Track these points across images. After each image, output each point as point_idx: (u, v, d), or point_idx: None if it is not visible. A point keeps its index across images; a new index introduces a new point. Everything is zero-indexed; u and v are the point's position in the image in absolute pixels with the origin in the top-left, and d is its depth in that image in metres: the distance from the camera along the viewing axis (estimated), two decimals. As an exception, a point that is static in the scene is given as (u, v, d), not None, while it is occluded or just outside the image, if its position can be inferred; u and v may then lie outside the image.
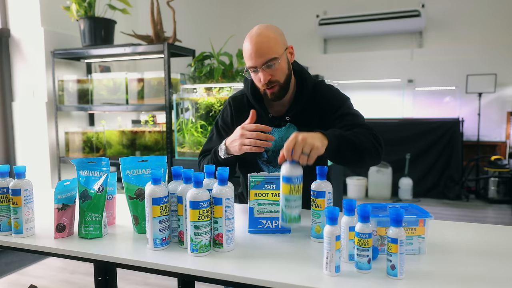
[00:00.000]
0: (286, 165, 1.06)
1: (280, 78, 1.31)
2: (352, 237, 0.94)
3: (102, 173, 1.18)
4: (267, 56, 1.26)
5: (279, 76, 1.30)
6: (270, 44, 1.27)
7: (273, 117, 1.42)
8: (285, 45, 1.33)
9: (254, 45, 1.27)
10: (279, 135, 1.41)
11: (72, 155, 3.25)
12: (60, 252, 1.10)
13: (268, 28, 1.30)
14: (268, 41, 1.27)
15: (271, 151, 1.43)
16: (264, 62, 1.27)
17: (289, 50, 1.35)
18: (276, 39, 1.29)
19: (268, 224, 1.18)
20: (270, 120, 1.41)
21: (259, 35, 1.27)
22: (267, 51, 1.26)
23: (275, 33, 1.30)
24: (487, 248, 1.08)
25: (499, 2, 5.42)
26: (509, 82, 5.39)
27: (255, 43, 1.27)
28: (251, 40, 1.28)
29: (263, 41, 1.27)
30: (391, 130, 5.27)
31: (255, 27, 1.31)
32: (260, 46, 1.26)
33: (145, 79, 3.02)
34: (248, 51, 1.28)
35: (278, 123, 1.41)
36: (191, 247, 1.02)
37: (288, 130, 1.41)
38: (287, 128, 1.41)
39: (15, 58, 3.29)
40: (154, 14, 2.97)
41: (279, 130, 1.41)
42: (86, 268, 2.84)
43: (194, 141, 2.88)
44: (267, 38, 1.27)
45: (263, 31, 1.28)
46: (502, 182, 4.83)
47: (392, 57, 5.90)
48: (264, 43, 1.26)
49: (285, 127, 1.41)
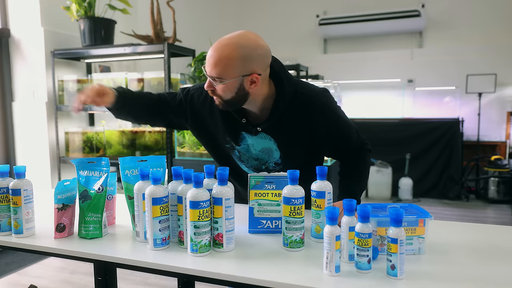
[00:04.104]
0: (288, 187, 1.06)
1: (222, 95, 1.24)
2: (352, 237, 0.94)
3: (102, 173, 1.18)
4: (215, 72, 1.19)
5: (221, 93, 1.23)
6: (223, 63, 1.18)
7: (246, 123, 1.35)
8: (245, 72, 1.19)
9: (211, 54, 1.19)
10: (251, 141, 1.37)
11: (72, 155, 3.25)
12: (60, 252, 1.10)
13: (238, 46, 1.17)
14: (225, 60, 1.17)
15: (242, 153, 1.41)
16: (209, 74, 1.21)
17: (251, 78, 1.20)
18: (234, 62, 1.17)
19: (268, 224, 1.18)
20: (242, 126, 1.35)
21: (222, 49, 1.18)
22: (217, 67, 1.18)
23: (239, 56, 1.17)
24: (487, 248, 1.08)
25: (499, 3, 5.42)
26: (509, 82, 5.39)
27: (213, 53, 1.19)
28: (214, 48, 1.20)
29: (220, 57, 1.18)
30: (391, 130, 5.27)
31: (234, 34, 1.21)
32: (216, 59, 1.18)
33: (145, 79, 3.02)
34: (208, 54, 1.22)
35: (250, 130, 1.35)
36: (191, 247, 1.02)
37: (260, 139, 1.36)
38: (259, 137, 1.36)
39: (15, 58, 3.29)
40: (154, 14, 2.97)
41: (251, 137, 1.36)
42: (86, 268, 2.84)
43: (194, 141, 2.88)
44: (225, 57, 1.17)
45: (228, 47, 1.18)
46: (502, 182, 4.83)
47: (392, 57, 5.90)
48: (220, 60, 1.18)
49: (257, 136, 1.36)
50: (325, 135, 1.34)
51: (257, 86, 1.23)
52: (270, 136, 1.35)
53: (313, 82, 1.95)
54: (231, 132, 1.37)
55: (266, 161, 1.40)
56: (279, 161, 1.39)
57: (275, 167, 1.41)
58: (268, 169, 1.41)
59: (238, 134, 1.37)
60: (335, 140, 1.37)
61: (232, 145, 1.40)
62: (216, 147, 1.45)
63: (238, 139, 1.38)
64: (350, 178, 1.38)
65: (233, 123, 1.36)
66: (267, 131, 1.34)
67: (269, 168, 1.41)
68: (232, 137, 1.38)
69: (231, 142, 1.39)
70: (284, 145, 1.36)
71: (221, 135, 1.40)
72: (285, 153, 1.37)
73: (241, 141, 1.38)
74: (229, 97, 1.24)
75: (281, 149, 1.37)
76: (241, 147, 1.39)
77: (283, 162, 1.39)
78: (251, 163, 1.42)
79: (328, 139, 1.36)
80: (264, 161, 1.40)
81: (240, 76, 1.20)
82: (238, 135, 1.37)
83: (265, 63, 1.24)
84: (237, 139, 1.38)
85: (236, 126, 1.36)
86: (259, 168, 1.42)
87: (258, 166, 1.42)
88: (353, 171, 1.40)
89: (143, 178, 1.10)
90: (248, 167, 1.44)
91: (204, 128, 1.44)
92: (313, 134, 1.34)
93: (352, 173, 1.40)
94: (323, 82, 3.90)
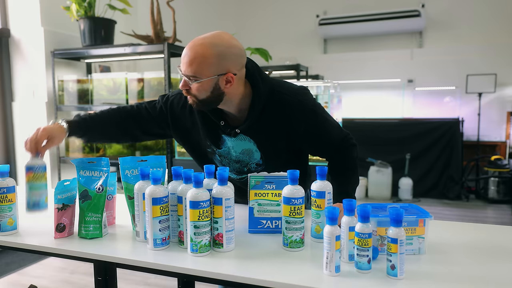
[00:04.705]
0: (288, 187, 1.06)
1: (197, 95, 1.23)
2: (352, 237, 0.94)
3: (102, 173, 1.18)
4: (190, 70, 1.19)
5: (196, 93, 1.23)
6: (198, 61, 1.17)
7: (224, 126, 1.34)
8: (220, 71, 1.20)
9: (186, 53, 1.19)
10: (231, 144, 1.37)
11: (72, 155, 3.25)
12: (60, 252, 1.10)
13: (212, 45, 1.18)
14: (199, 58, 1.17)
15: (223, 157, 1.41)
16: (184, 73, 1.21)
17: (226, 78, 1.21)
18: (209, 61, 1.17)
19: (268, 224, 1.18)
20: (221, 129, 1.35)
21: (197, 47, 1.18)
22: (192, 66, 1.18)
23: (214, 55, 1.18)
24: (487, 248, 1.08)
25: (499, 3, 5.42)
26: (509, 82, 5.39)
27: (188, 52, 1.19)
28: (189, 47, 1.20)
29: (195, 54, 1.17)
30: (391, 130, 5.27)
31: (208, 34, 1.21)
32: (191, 58, 1.18)
33: (145, 79, 3.02)
34: (183, 53, 1.22)
35: (229, 132, 1.34)
36: (191, 247, 1.02)
37: (240, 141, 1.36)
38: (238, 139, 1.35)
39: (15, 58, 3.29)
40: (154, 14, 2.97)
41: (231, 139, 1.36)
42: (86, 268, 2.84)
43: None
44: (201, 54, 1.17)
45: (202, 46, 1.18)
46: (502, 182, 4.84)
47: (392, 57, 5.90)
48: (195, 58, 1.18)
49: (237, 138, 1.35)
50: (304, 132, 1.33)
51: (233, 85, 1.23)
52: (249, 138, 1.34)
53: (313, 82, 1.95)
54: (211, 136, 1.37)
55: (248, 162, 1.40)
56: (260, 162, 1.39)
57: (257, 168, 1.40)
58: (250, 170, 1.40)
59: (219, 137, 1.37)
60: (316, 138, 1.36)
61: (213, 149, 1.40)
62: (200, 153, 1.45)
63: (219, 142, 1.38)
64: (340, 177, 1.35)
65: (213, 127, 1.36)
66: (245, 132, 1.33)
67: (251, 169, 1.40)
68: (212, 141, 1.38)
69: (211, 146, 1.39)
70: (264, 145, 1.35)
71: (202, 139, 1.40)
72: (265, 153, 1.37)
73: (222, 144, 1.38)
74: (204, 96, 1.23)
75: (261, 150, 1.36)
76: (222, 150, 1.39)
77: (264, 162, 1.39)
78: (233, 166, 1.42)
79: (308, 137, 1.34)
80: (245, 163, 1.40)
81: (215, 75, 1.19)
82: (218, 139, 1.37)
83: (240, 62, 1.24)
84: (217, 142, 1.38)
85: (216, 129, 1.36)
86: (241, 170, 1.42)
87: (240, 169, 1.42)
88: (341, 170, 1.37)
89: (143, 178, 1.10)
90: (230, 171, 1.43)
91: (186, 134, 1.44)
92: (291, 133, 1.33)
93: (340, 172, 1.36)
94: (323, 82, 3.90)
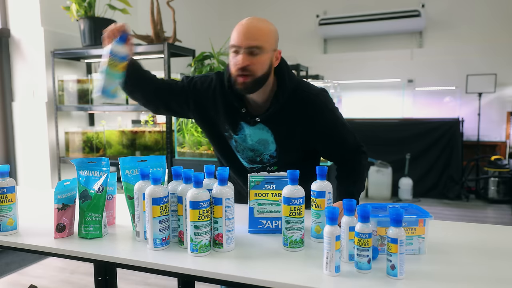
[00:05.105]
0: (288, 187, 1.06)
1: (257, 70, 1.26)
2: (352, 237, 0.94)
3: (102, 173, 1.18)
4: (254, 41, 1.23)
5: (257, 67, 1.25)
6: (262, 33, 1.24)
7: (246, 113, 1.37)
8: (275, 46, 1.30)
9: (246, 27, 1.24)
10: (248, 132, 1.39)
11: (72, 155, 3.25)
12: (60, 252, 1.10)
13: (268, 23, 1.28)
14: (262, 30, 1.25)
15: (238, 143, 1.42)
16: (249, 45, 1.23)
17: (276, 54, 1.31)
18: (270, 34, 1.27)
19: (268, 224, 1.18)
20: (241, 116, 1.38)
21: (256, 21, 1.26)
22: (256, 37, 1.23)
23: (271, 30, 1.28)
24: (487, 248, 1.08)
25: (499, 3, 5.42)
26: (509, 82, 5.39)
27: (248, 25, 1.24)
28: (246, 21, 1.25)
29: (257, 27, 1.24)
30: (391, 130, 5.27)
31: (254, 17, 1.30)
32: (252, 30, 1.24)
33: (145, 79, 3.01)
34: (239, 29, 1.25)
35: (248, 120, 1.37)
36: (191, 247, 1.02)
37: (258, 130, 1.38)
38: (257, 128, 1.38)
39: (15, 58, 3.29)
40: (154, 14, 2.97)
41: (249, 127, 1.38)
42: (86, 268, 2.84)
43: (194, 141, 2.88)
44: (262, 28, 1.25)
45: (261, 21, 1.27)
46: (502, 182, 4.83)
47: (392, 57, 5.90)
48: (257, 30, 1.24)
49: (255, 127, 1.38)
50: (321, 133, 1.37)
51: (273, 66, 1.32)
52: (267, 128, 1.38)
53: (313, 82, 1.96)
54: (231, 121, 1.40)
55: (262, 152, 1.42)
56: (274, 154, 1.41)
57: (270, 160, 1.42)
58: (262, 161, 1.43)
59: (237, 124, 1.40)
60: (331, 140, 1.39)
61: (230, 133, 1.42)
62: (217, 135, 1.47)
63: (236, 129, 1.40)
64: (347, 179, 1.38)
65: (233, 113, 1.39)
66: (265, 122, 1.37)
67: (263, 160, 1.43)
68: (231, 126, 1.41)
69: (229, 131, 1.42)
70: (281, 138, 1.38)
71: (221, 123, 1.43)
72: (281, 146, 1.39)
73: (239, 130, 1.40)
74: (261, 73, 1.27)
75: (277, 142, 1.39)
76: (239, 136, 1.41)
77: (278, 155, 1.41)
78: (246, 154, 1.44)
79: (323, 138, 1.38)
80: (259, 152, 1.42)
81: (274, 49, 1.29)
82: (236, 125, 1.40)
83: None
84: (235, 128, 1.40)
85: (236, 115, 1.39)
86: (254, 159, 1.44)
87: (253, 158, 1.43)
88: (349, 172, 1.40)
89: (143, 178, 1.10)
90: (243, 158, 1.45)
91: (206, 115, 1.45)
92: (309, 130, 1.36)
93: (348, 174, 1.39)
94: (323, 82, 3.90)
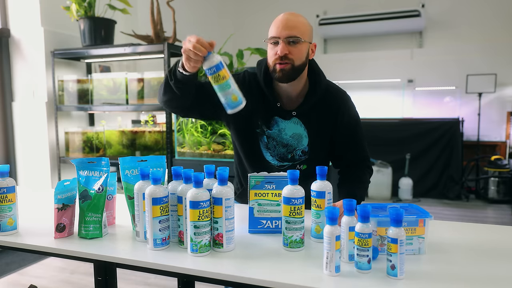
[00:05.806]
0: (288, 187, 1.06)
1: (296, 59, 1.31)
2: (352, 237, 0.94)
3: (102, 173, 1.18)
4: (293, 31, 1.29)
5: (295, 56, 1.30)
6: (300, 25, 1.31)
7: (281, 107, 1.42)
8: (311, 38, 1.36)
9: (285, 18, 1.30)
10: (283, 126, 1.43)
11: (72, 155, 3.25)
12: (60, 252, 1.10)
13: (303, 17, 1.35)
14: (300, 23, 1.31)
15: (271, 138, 1.44)
16: (288, 35, 1.29)
17: (311, 47, 1.38)
18: (306, 26, 1.33)
19: (268, 224, 1.18)
20: (276, 111, 1.42)
21: (294, 15, 1.32)
22: (294, 28, 1.29)
23: (307, 23, 1.34)
24: (487, 248, 1.08)
25: (499, 2, 5.42)
26: (509, 82, 5.39)
27: (287, 17, 1.31)
28: (283, 15, 1.32)
29: (295, 19, 1.31)
30: (391, 130, 5.27)
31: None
32: (291, 21, 1.30)
33: (145, 79, 3.01)
34: (278, 21, 1.31)
35: (283, 115, 1.42)
36: (191, 247, 1.02)
37: (292, 124, 1.42)
38: (292, 122, 1.42)
39: (15, 58, 3.29)
40: (154, 14, 2.97)
41: (284, 121, 1.42)
42: (86, 268, 2.84)
43: (194, 141, 2.88)
44: (299, 20, 1.31)
45: (297, 15, 1.33)
46: (502, 182, 4.83)
47: (392, 57, 5.90)
48: (295, 21, 1.30)
49: (290, 121, 1.42)
50: (343, 131, 1.43)
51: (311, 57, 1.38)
52: (301, 122, 1.42)
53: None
54: (264, 116, 1.43)
55: (295, 148, 1.44)
56: (306, 149, 1.43)
57: (301, 157, 1.44)
58: (293, 158, 1.45)
59: (271, 119, 1.43)
60: (349, 141, 1.45)
61: (262, 129, 1.44)
62: (247, 133, 1.47)
63: (270, 124, 1.43)
64: (350, 184, 1.41)
65: (266, 108, 1.42)
66: (300, 116, 1.41)
67: (295, 157, 1.44)
68: (264, 121, 1.43)
69: (262, 127, 1.44)
70: (313, 133, 1.42)
71: (253, 119, 1.44)
72: (312, 141, 1.43)
73: (273, 125, 1.43)
74: (300, 62, 1.32)
75: (310, 137, 1.42)
76: (273, 131, 1.43)
77: (310, 151, 1.43)
78: (278, 151, 1.45)
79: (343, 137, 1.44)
80: (292, 148, 1.44)
81: (310, 41, 1.35)
82: (270, 120, 1.43)
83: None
84: (269, 123, 1.43)
85: (270, 110, 1.42)
86: (285, 156, 1.45)
87: (284, 154, 1.45)
88: (353, 178, 1.43)
89: (143, 178, 1.10)
90: (273, 155, 1.46)
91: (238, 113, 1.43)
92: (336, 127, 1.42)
93: (352, 180, 1.43)
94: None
